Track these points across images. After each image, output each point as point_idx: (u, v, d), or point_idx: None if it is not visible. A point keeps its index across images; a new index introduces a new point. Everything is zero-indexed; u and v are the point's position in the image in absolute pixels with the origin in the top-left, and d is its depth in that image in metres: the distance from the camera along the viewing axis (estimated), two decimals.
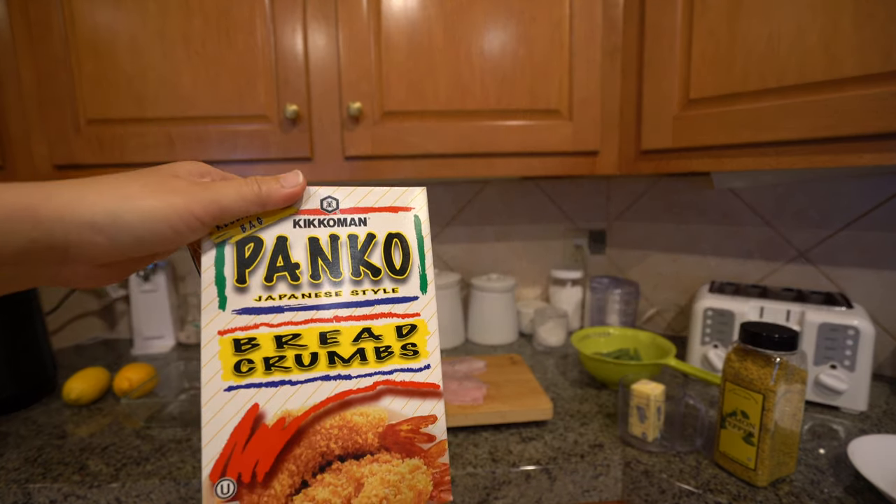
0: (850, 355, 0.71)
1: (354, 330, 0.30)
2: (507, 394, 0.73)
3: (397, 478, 0.29)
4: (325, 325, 0.29)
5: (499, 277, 1.10)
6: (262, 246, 0.29)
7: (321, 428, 0.28)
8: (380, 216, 0.31)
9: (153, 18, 0.75)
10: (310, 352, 0.29)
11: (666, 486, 0.58)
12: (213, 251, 0.29)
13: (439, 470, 0.30)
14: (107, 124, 0.78)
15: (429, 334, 0.31)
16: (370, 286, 0.31)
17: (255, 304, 0.29)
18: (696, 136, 0.71)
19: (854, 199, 0.85)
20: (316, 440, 0.28)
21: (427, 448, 0.30)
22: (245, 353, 0.28)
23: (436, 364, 0.31)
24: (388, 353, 0.30)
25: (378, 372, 0.30)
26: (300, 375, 0.28)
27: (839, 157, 0.60)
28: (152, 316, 1.07)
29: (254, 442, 0.27)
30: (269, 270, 0.29)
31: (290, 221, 0.30)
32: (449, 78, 0.79)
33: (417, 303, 0.31)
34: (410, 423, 0.30)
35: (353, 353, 0.30)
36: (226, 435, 0.27)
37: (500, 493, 0.61)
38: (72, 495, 0.59)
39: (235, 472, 0.27)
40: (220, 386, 0.27)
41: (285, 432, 0.28)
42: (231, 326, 0.28)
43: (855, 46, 0.57)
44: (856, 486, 0.55)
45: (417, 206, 0.32)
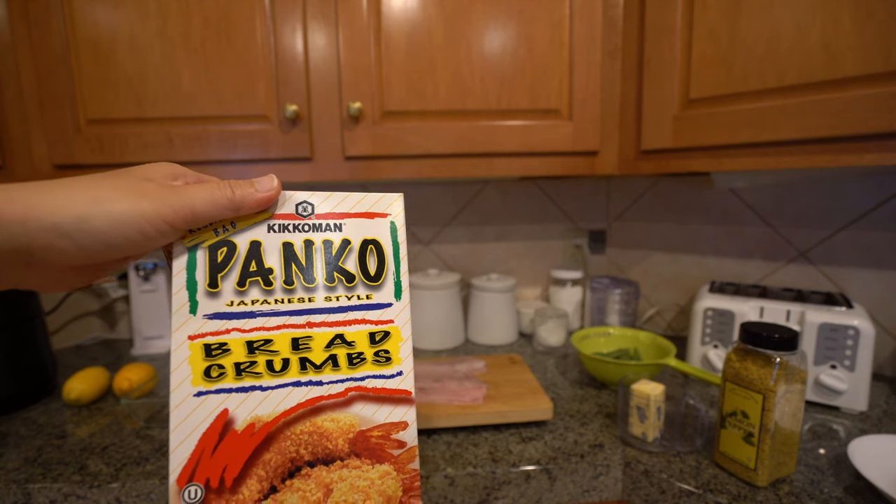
0: (851, 355, 0.71)
1: (327, 336, 0.30)
2: (507, 394, 0.73)
3: (367, 483, 0.29)
4: (298, 330, 0.29)
5: (499, 277, 1.10)
6: (235, 250, 0.29)
7: (291, 434, 0.28)
8: (355, 222, 0.31)
9: (153, 18, 0.75)
10: (281, 357, 0.29)
11: (666, 486, 0.58)
12: (185, 255, 0.29)
13: (409, 476, 0.30)
14: (107, 124, 0.78)
15: (402, 341, 0.31)
16: (344, 292, 0.31)
17: (226, 308, 0.29)
18: (697, 136, 0.71)
19: (854, 198, 0.85)
20: (286, 446, 0.28)
21: (397, 454, 0.30)
22: (216, 359, 0.28)
23: (408, 371, 0.31)
24: (361, 359, 0.30)
25: (350, 378, 0.30)
26: (271, 381, 0.28)
27: (839, 157, 0.60)
28: (152, 316, 1.07)
29: (223, 447, 0.27)
30: (241, 275, 0.29)
31: (265, 226, 0.30)
32: (449, 78, 0.79)
33: (391, 309, 0.31)
34: (381, 430, 0.30)
35: (326, 359, 0.30)
36: (194, 440, 0.27)
37: (500, 493, 0.61)
38: (72, 495, 0.59)
39: (203, 478, 0.27)
40: (190, 391, 0.27)
41: (255, 438, 0.28)
42: (202, 331, 0.28)
43: (855, 46, 0.57)
44: (856, 486, 0.55)
45: (394, 213, 0.32)
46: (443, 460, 0.62)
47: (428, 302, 1.03)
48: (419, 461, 0.29)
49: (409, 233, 1.17)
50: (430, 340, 1.04)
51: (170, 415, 0.27)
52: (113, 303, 1.16)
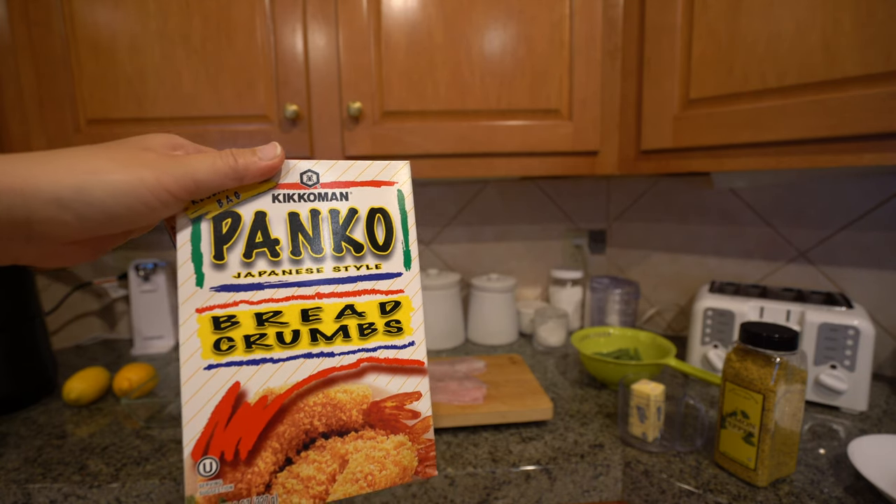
0: (850, 355, 0.71)
1: (337, 307, 0.29)
2: (507, 394, 0.73)
3: (382, 454, 0.29)
4: (307, 301, 0.29)
5: (499, 277, 1.10)
6: (240, 221, 0.29)
7: (304, 405, 0.28)
8: (362, 190, 0.31)
9: (153, 18, 0.75)
10: (291, 329, 0.29)
11: (666, 486, 0.58)
12: (189, 227, 0.28)
13: (424, 446, 0.30)
14: (107, 124, 0.78)
15: (413, 311, 0.31)
16: (353, 262, 0.30)
17: (234, 280, 0.28)
18: (697, 136, 0.71)
19: (854, 198, 0.85)
20: (299, 418, 0.28)
21: (412, 424, 0.30)
22: (224, 331, 0.28)
23: (420, 340, 0.31)
24: (372, 329, 0.30)
25: (361, 349, 0.30)
26: (282, 353, 0.28)
27: (839, 157, 0.60)
28: (152, 316, 1.07)
29: (236, 420, 0.27)
30: (247, 246, 0.28)
31: (269, 196, 0.29)
32: (449, 78, 0.79)
33: (401, 279, 0.31)
34: (395, 400, 0.30)
35: (336, 330, 0.29)
36: (207, 414, 0.27)
37: (500, 493, 0.61)
38: (72, 495, 0.59)
39: (218, 451, 0.26)
40: (200, 364, 0.27)
41: (268, 410, 0.27)
42: (209, 304, 0.28)
43: (855, 46, 0.57)
44: (856, 486, 0.55)
45: (401, 181, 0.32)
46: (443, 460, 0.62)
47: (428, 302, 1.03)
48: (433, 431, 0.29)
49: None
50: (430, 340, 1.04)
51: (181, 388, 0.27)
52: (113, 303, 1.16)
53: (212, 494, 0.26)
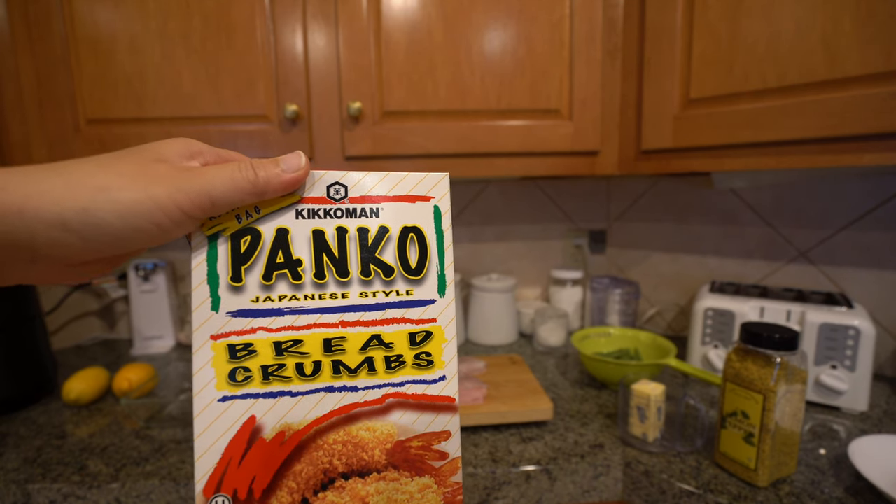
0: (851, 355, 0.70)
1: (362, 337, 0.27)
2: (507, 394, 0.73)
3: (405, 497, 0.27)
4: (330, 330, 0.27)
5: (499, 277, 1.10)
6: (259, 239, 0.26)
7: (324, 443, 0.26)
8: (394, 206, 0.28)
9: (153, 18, 0.75)
10: (312, 360, 0.27)
11: (666, 486, 0.58)
12: (205, 246, 0.26)
13: (451, 489, 0.28)
14: (107, 124, 0.78)
15: (445, 342, 0.28)
16: (381, 287, 0.27)
17: (251, 305, 0.26)
18: (697, 136, 0.71)
19: (854, 198, 0.85)
20: (318, 456, 0.26)
21: (439, 466, 0.27)
22: (241, 361, 0.26)
23: (452, 375, 0.28)
24: (400, 362, 0.28)
25: (388, 384, 0.27)
26: (301, 386, 0.26)
27: (840, 157, 0.60)
28: (152, 316, 1.07)
29: (250, 456, 0.25)
30: (267, 268, 0.26)
31: (293, 211, 0.27)
32: (449, 78, 0.79)
33: (434, 307, 0.28)
34: (422, 440, 0.27)
35: (361, 362, 0.27)
36: (220, 448, 0.25)
37: (500, 494, 0.61)
38: (71, 496, 0.59)
39: (231, 489, 0.25)
40: (214, 396, 0.26)
41: (285, 447, 0.26)
42: (225, 330, 0.26)
43: (856, 46, 0.57)
44: (856, 486, 0.55)
45: (438, 195, 0.29)
46: None
47: None
48: (462, 474, 0.28)
49: None
50: None
51: (193, 421, 0.25)
52: (113, 303, 1.16)
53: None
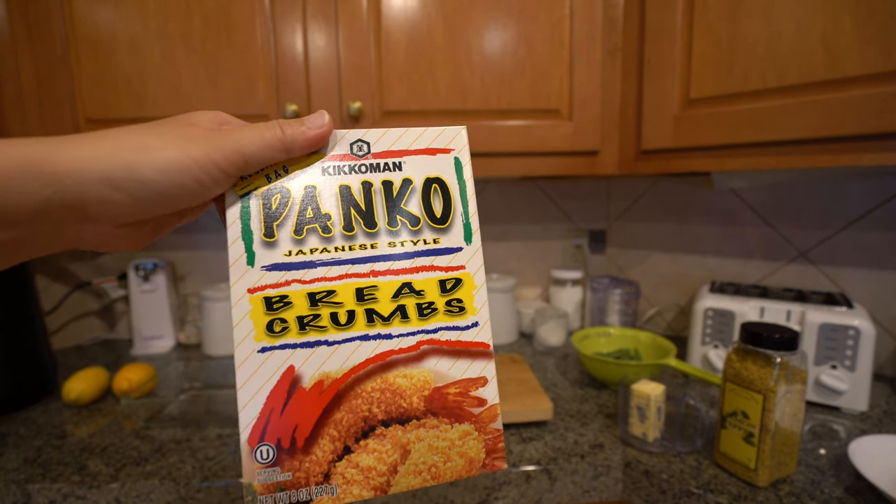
0: (851, 355, 0.70)
1: (393, 285, 0.28)
2: (507, 394, 0.73)
3: (447, 444, 0.27)
4: (362, 280, 0.27)
5: (499, 277, 1.10)
6: (289, 196, 0.27)
7: (362, 391, 0.27)
8: (416, 159, 0.29)
9: (153, 18, 0.75)
10: (346, 309, 0.27)
11: (666, 486, 0.58)
12: (238, 204, 0.27)
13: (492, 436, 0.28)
14: (107, 124, 0.78)
15: (475, 288, 0.29)
16: (408, 237, 0.28)
17: (284, 259, 0.27)
18: (697, 136, 0.71)
19: (854, 198, 0.85)
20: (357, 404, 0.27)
21: (478, 413, 0.28)
22: (277, 312, 0.27)
23: (484, 321, 0.29)
24: (432, 309, 0.28)
25: (421, 330, 0.28)
26: (337, 335, 0.27)
27: (840, 156, 0.60)
28: (152, 316, 1.07)
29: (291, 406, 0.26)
30: (298, 223, 0.27)
31: (319, 168, 0.28)
32: (449, 77, 0.79)
33: (462, 254, 0.29)
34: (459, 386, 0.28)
35: (394, 310, 0.28)
36: (262, 399, 0.26)
37: (500, 493, 0.61)
38: (71, 496, 0.59)
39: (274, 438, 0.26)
40: (254, 347, 0.26)
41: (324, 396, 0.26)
42: (261, 284, 0.27)
43: (856, 45, 0.57)
44: (856, 486, 0.55)
45: (458, 147, 0.30)
46: None
47: None
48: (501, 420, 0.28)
49: None
50: None
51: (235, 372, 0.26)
52: (113, 303, 1.16)
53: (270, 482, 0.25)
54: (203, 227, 1.15)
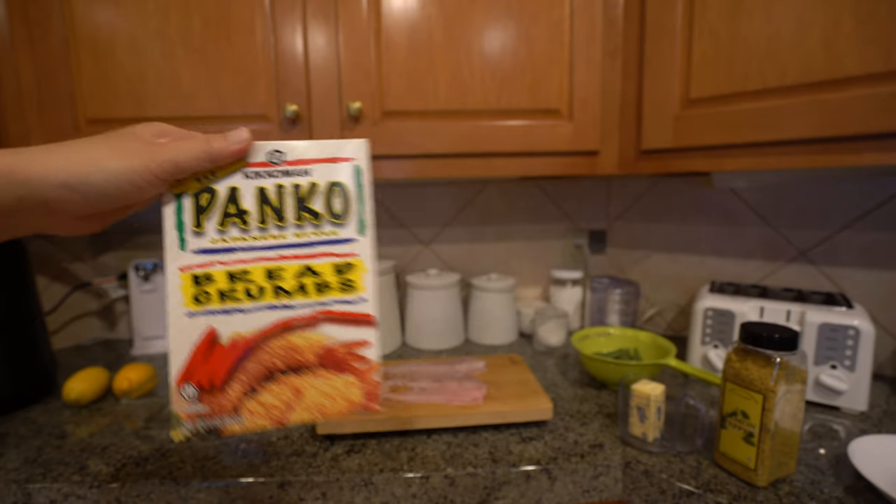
0: (851, 355, 0.71)
1: (297, 267, 0.35)
2: (507, 394, 0.73)
3: (333, 390, 0.35)
4: (271, 263, 0.35)
5: (499, 277, 1.10)
6: (215, 196, 0.34)
7: (268, 348, 0.34)
8: (322, 167, 0.35)
9: (153, 18, 0.75)
10: (258, 286, 0.34)
11: (666, 486, 0.58)
12: (174, 202, 0.34)
13: (371, 385, 0.35)
14: (106, 124, 0.78)
15: (365, 272, 0.35)
16: (311, 230, 0.35)
17: (210, 245, 0.34)
18: (697, 136, 0.71)
19: (855, 198, 0.85)
20: (263, 357, 0.34)
21: (360, 367, 0.35)
22: (202, 286, 0.34)
23: (371, 297, 0.35)
24: (327, 287, 0.35)
25: (318, 303, 0.35)
26: (249, 305, 0.34)
27: (840, 156, 0.60)
28: (152, 316, 1.07)
29: (212, 358, 0.33)
30: (222, 217, 0.34)
31: (241, 174, 0.34)
32: (449, 78, 0.79)
33: (355, 244, 0.36)
34: (346, 347, 0.35)
35: (297, 286, 0.35)
36: (188, 351, 0.33)
37: (500, 493, 0.61)
38: (72, 495, 0.59)
39: (197, 380, 0.33)
40: (183, 312, 0.33)
41: (237, 350, 0.34)
42: (189, 264, 0.34)
43: (856, 46, 0.57)
44: (856, 486, 0.55)
45: (358, 157, 0.36)
46: (443, 460, 0.62)
47: (428, 302, 1.03)
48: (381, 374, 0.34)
49: (409, 233, 1.17)
50: (430, 340, 1.04)
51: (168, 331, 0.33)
52: (113, 303, 1.16)
53: (191, 412, 0.33)
54: None
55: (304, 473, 0.60)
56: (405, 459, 0.63)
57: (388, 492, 0.60)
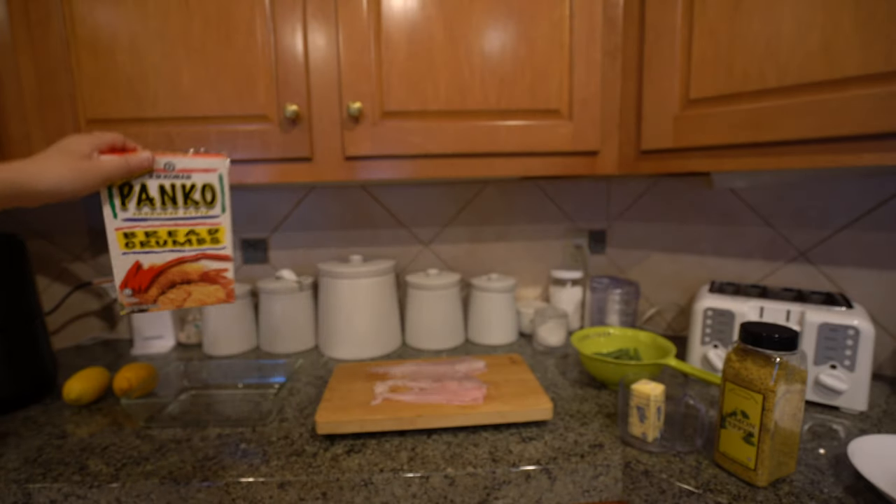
0: (850, 355, 0.71)
1: (186, 230, 0.57)
2: (507, 394, 0.73)
3: (208, 291, 0.58)
4: (170, 227, 0.56)
5: (499, 277, 1.10)
6: (133, 188, 0.53)
7: (170, 271, 0.56)
8: (199, 174, 0.56)
9: (153, 18, 0.75)
10: (163, 239, 0.56)
11: (666, 486, 0.58)
12: (107, 192, 0.52)
13: (229, 289, 0.59)
14: (107, 124, 0.78)
15: (226, 232, 0.58)
16: (193, 210, 0.56)
17: (132, 216, 0.54)
18: (697, 136, 0.71)
19: (854, 198, 0.85)
20: (168, 275, 0.56)
21: (223, 281, 0.59)
22: (129, 239, 0.54)
23: (228, 246, 0.59)
24: (204, 241, 0.58)
25: (199, 249, 0.57)
26: (158, 249, 0.56)
27: (839, 157, 0.60)
28: (152, 316, 1.07)
29: (138, 276, 0.55)
30: (138, 200, 0.54)
31: (148, 176, 0.54)
32: (449, 78, 0.79)
33: (219, 218, 0.58)
34: (215, 271, 0.58)
35: (185, 240, 0.57)
36: (124, 272, 0.54)
37: (500, 493, 0.61)
38: (72, 495, 0.59)
39: (130, 286, 0.55)
40: (119, 252, 0.54)
41: (153, 271, 0.56)
42: (120, 227, 0.54)
43: (855, 46, 0.57)
44: (856, 486, 0.55)
45: (222, 169, 0.57)
46: (443, 460, 0.62)
47: (428, 302, 1.03)
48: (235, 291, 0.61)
49: (409, 233, 1.17)
50: (430, 340, 1.04)
51: (112, 263, 0.54)
52: (113, 303, 1.16)
53: (129, 302, 0.55)
54: None
55: (304, 473, 0.60)
56: (405, 459, 0.63)
57: (388, 492, 0.60)
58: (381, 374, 0.83)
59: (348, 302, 0.98)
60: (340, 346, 0.99)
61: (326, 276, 1.00)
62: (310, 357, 1.01)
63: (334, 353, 1.00)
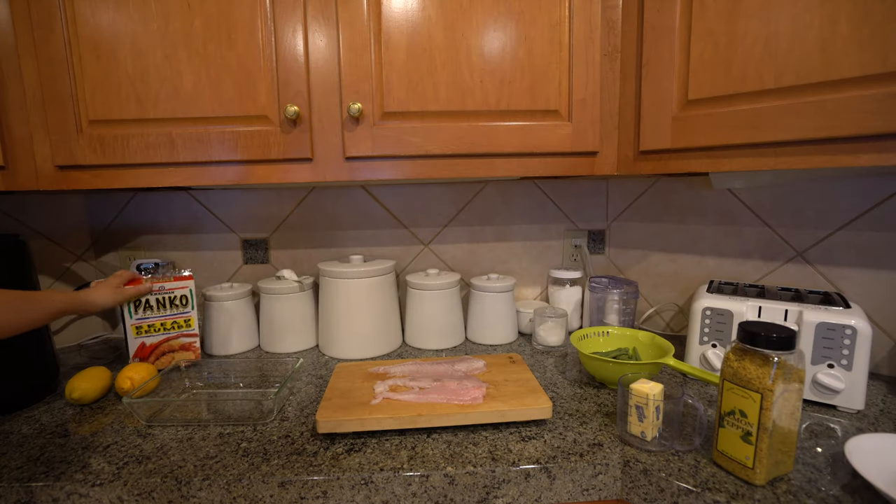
0: (848, 355, 0.71)
1: (170, 322, 0.93)
2: (506, 393, 0.74)
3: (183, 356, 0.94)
4: (161, 321, 0.92)
5: (498, 277, 1.11)
6: (140, 301, 0.90)
7: (161, 346, 0.92)
8: (178, 290, 0.93)
9: (154, 20, 0.76)
10: (157, 328, 0.92)
11: (665, 484, 0.58)
12: (127, 304, 0.89)
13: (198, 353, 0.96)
14: (108, 125, 0.79)
15: (194, 321, 0.95)
16: (174, 310, 0.93)
17: (140, 317, 0.91)
18: (695, 137, 0.72)
19: (852, 199, 0.85)
20: (161, 348, 0.92)
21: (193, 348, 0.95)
22: (138, 330, 0.91)
23: (195, 327, 0.95)
24: (181, 326, 0.94)
25: (178, 332, 0.94)
26: (154, 334, 0.92)
27: (837, 157, 0.61)
28: None
29: (143, 350, 0.91)
30: (143, 308, 0.91)
31: (149, 294, 0.90)
32: (449, 79, 0.79)
33: (190, 312, 0.94)
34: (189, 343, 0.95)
35: (170, 328, 0.93)
36: (134, 349, 0.91)
37: (499, 492, 0.61)
38: (74, 493, 0.59)
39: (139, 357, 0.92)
40: (133, 337, 0.90)
41: (152, 347, 0.92)
42: (133, 323, 0.90)
43: (852, 47, 0.57)
44: (853, 484, 0.55)
45: (190, 285, 0.94)
46: (443, 459, 0.63)
47: (428, 302, 1.03)
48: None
49: (409, 233, 1.18)
50: (430, 340, 1.04)
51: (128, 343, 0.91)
52: None
53: None
54: (204, 227, 1.15)
55: (305, 472, 0.61)
56: (405, 458, 0.63)
57: (388, 490, 0.60)
58: (382, 374, 0.83)
59: (348, 302, 0.99)
60: (341, 346, 1.00)
61: (327, 275, 1.01)
62: (310, 356, 1.02)
63: (335, 352, 1.01)
